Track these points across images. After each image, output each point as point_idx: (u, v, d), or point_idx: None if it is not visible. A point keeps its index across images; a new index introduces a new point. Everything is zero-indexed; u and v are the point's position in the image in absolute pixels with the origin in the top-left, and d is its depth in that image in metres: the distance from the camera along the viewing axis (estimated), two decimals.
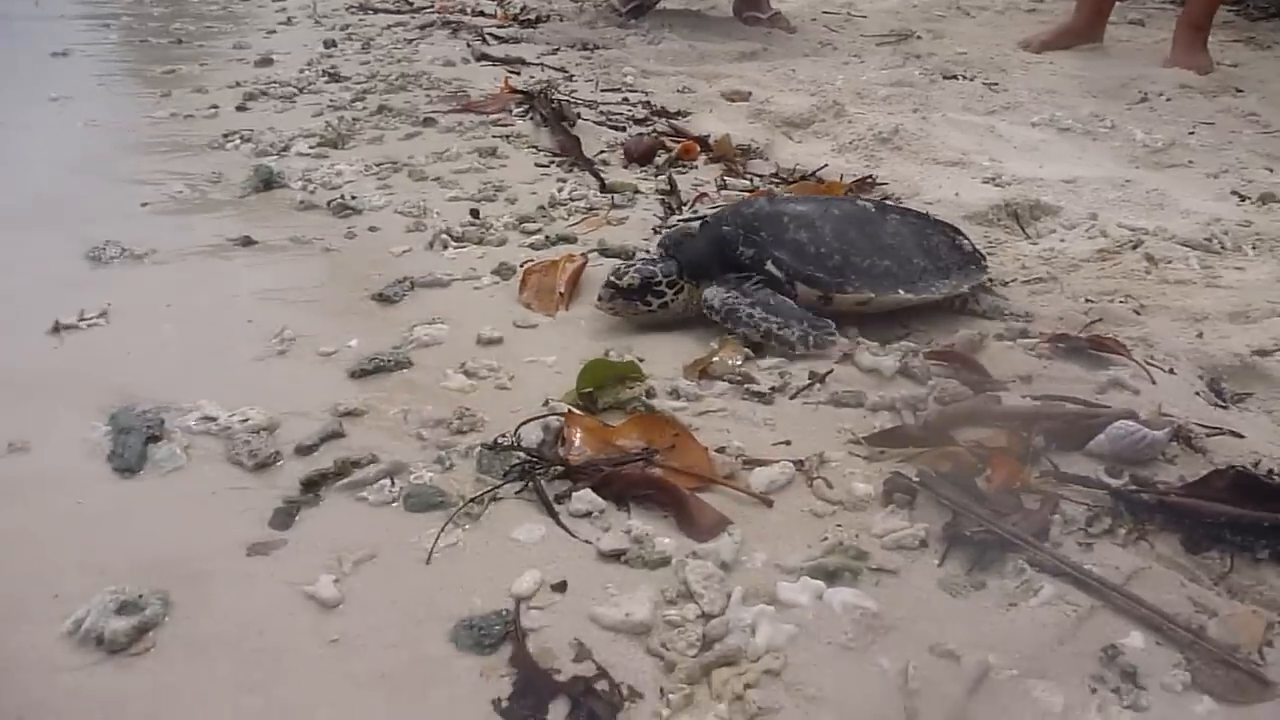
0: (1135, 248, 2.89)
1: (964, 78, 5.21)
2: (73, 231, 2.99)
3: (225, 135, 4.02)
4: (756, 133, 4.16)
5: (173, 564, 1.56)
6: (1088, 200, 3.37)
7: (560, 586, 1.49)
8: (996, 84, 5.10)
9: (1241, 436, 1.92)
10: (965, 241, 2.56)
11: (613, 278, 2.31)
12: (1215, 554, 1.57)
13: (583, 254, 2.70)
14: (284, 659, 1.37)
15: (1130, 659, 1.35)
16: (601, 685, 1.30)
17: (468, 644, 1.38)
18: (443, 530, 1.61)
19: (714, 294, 2.30)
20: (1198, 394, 2.10)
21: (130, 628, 1.40)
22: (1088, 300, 2.54)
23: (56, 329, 2.39)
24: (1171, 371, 2.17)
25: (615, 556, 1.55)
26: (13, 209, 3.24)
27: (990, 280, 2.57)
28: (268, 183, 3.47)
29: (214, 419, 1.97)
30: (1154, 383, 2.10)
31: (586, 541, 1.59)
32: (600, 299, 2.32)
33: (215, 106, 4.55)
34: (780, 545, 1.57)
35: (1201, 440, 1.88)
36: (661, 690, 1.30)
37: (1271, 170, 3.70)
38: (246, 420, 1.95)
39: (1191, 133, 4.24)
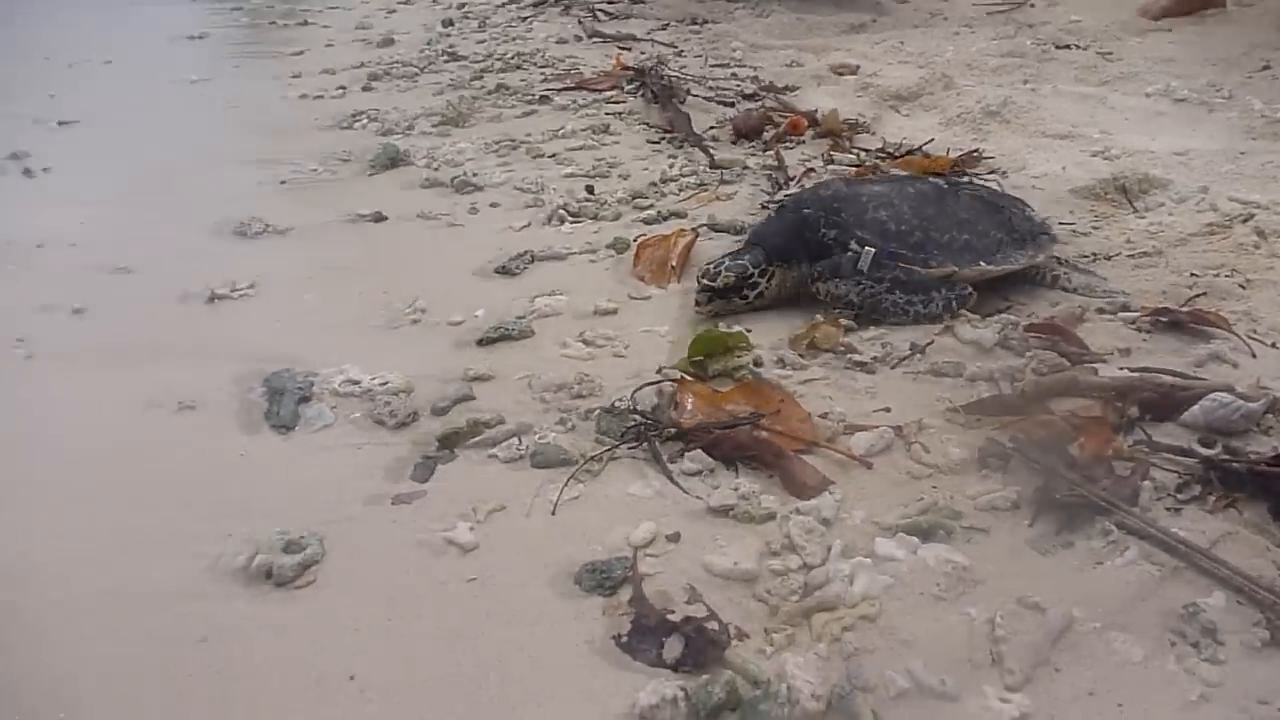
0: (1245, 221, 2.88)
1: (1077, 47, 5.15)
2: (220, 209, 3.25)
3: (353, 115, 4.26)
4: (863, 107, 4.21)
5: (327, 510, 1.75)
6: (1199, 173, 3.34)
7: (674, 537, 1.63)
8: (1111, 53, 5.03)
9: None
10: (1033, 213, 2.62)
11: (705, 280, 2.37)
12: None
13: (693, 229, 2.83)
14: (427, 595, 1.54)
15: (1210, 616, 1.42)
16: (712, 625, 1.44)
17: (590, 585, 1.54)
18: (566, 484, 1.76)
19: (843, 288, 2.35)
20: None
21: (295, 564, 1.59)
22: (1192, 274, 2.56)
23: (212, 299, 2.63)
24: (1274, 346, 2.19)
25: (724, 511, 1.68)
26: (167, 188, 3.52)
27: (1061, 260, 2.62)
28: (394, 160, 3.68)
29: (357, 382, 2.16)
30: (1254, 356, 2.14)
31: (697, 497, 1.72)
32: (698, 303, 2.38)
33: (343, 88, 4.80)
34: (878, 504, 1.69)
35: None
36: (766, 630, 1.43)
37: None
38: (386, 383, 2.14)
39: None
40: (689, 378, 2.08)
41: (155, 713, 1.34)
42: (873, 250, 2.36)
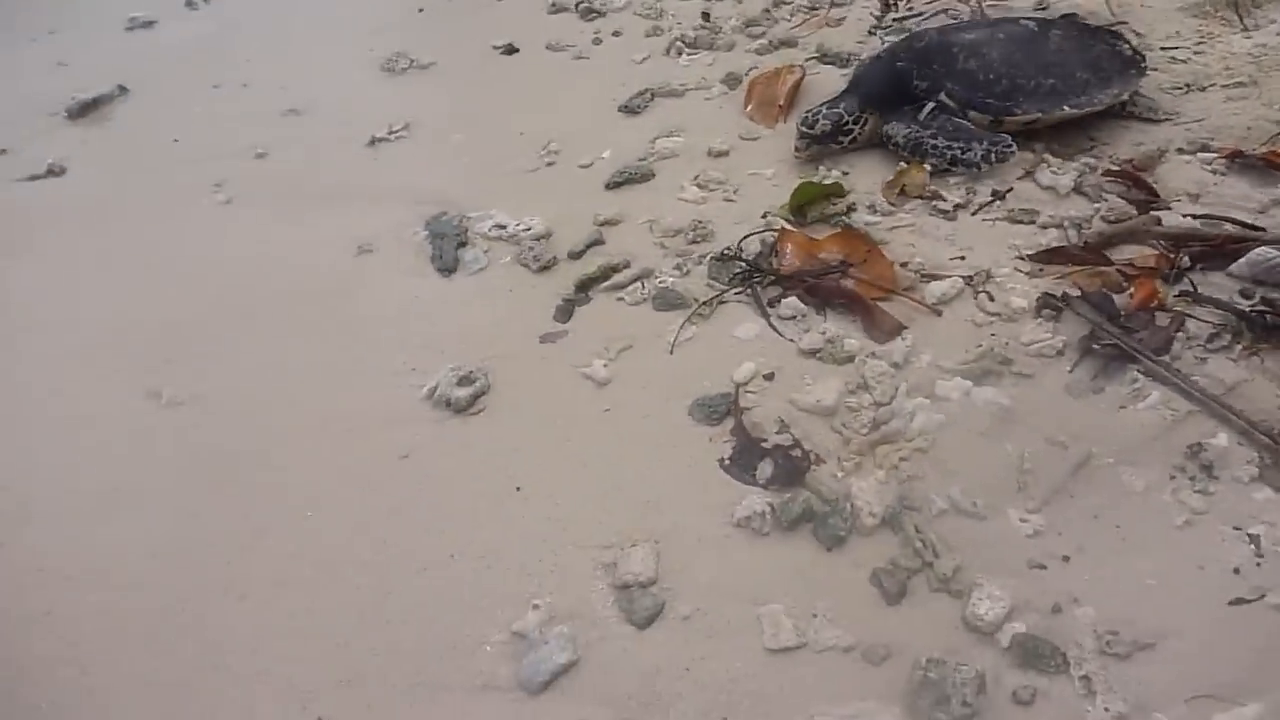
0: None
1: None
2: (366, 40, 3.55)
3: None
4: None
5: (489, 347, 2.16)
6: None
7: (770, 376, 1.99)
8: None
9: None
10: (1124, 46, 2.72)
11: (804, 127, 2.60)
12: None
13: (801, 64, 3.02)
14: (572, 422, 1.95)
15: (1211, 455, 1.73)
16: (796, 452, 1.82)
17: (700, 417, 1.92)
18: (681, 327, 2.13)
19: (896, 129, 2.59)
20: None
21: (468, 395, 2.02)
22: None
23: (373, 142, 2.99)
24: None
25: (812, 353, 2.03)
26: (317, 18, 3.82)
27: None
28: None
29: (504, 226, 2.53)
30: None
31: (790, 340, 2.07)
32: (797, 149, 2.63)
33: None
34: (943, 349, 2.00)
35: None
36: (839, 459, 1.80)
37: None
38: (529, 229, 2.50)
39: None
40: (789, 225, 2.37)
41: (378, 515, 1.81)
42: (932, 104, 2.58)
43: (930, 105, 2.59)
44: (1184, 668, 1.42)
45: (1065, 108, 2.55)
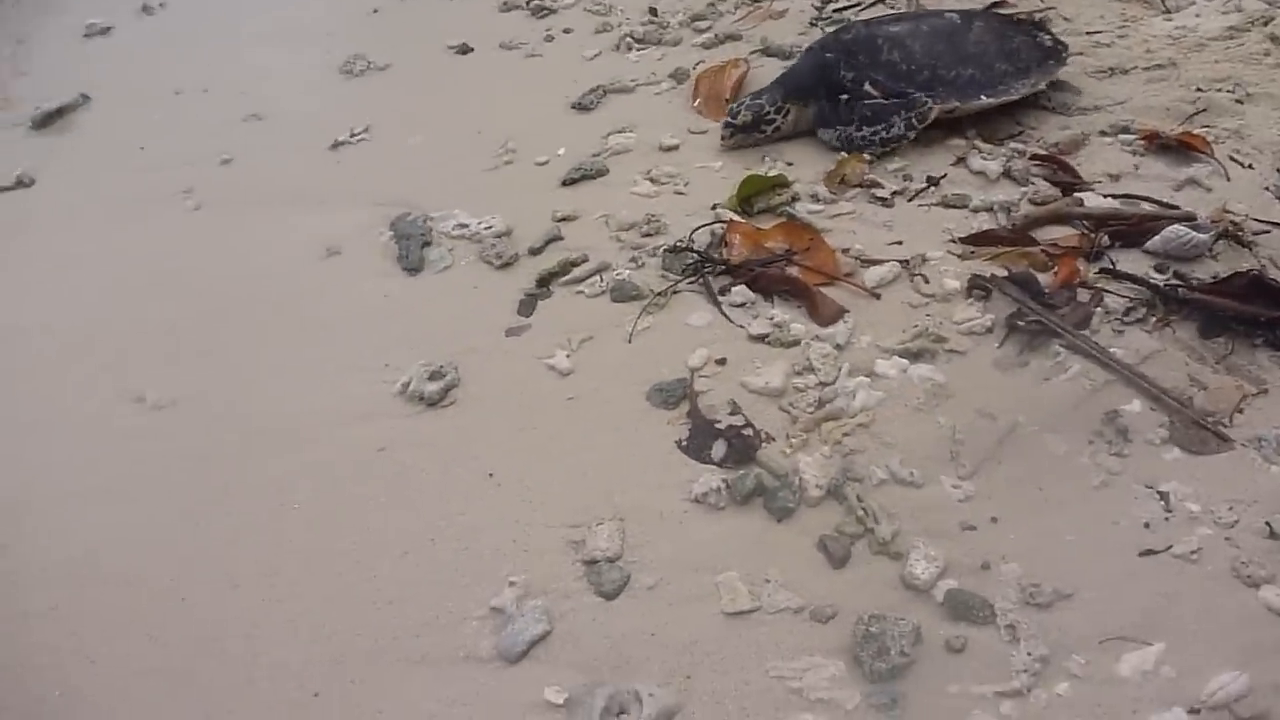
0: (1266, 24, 3.09)
1: None
2: (323, 42, 3.64)
3: None
4: None
5: (456, 342, 2.28)
6: None
7: (722, 361, 2.13)
8: None
9: None
10: (1045, 38, 2.86)
11: (728, 118, 2.78)
12: (1222, 340, 2.04)
13: (745, 58, 3.15)
14: (539, 411, 2.08)
15: (1125, 421, 1.89)
16: (747, 431, 1.96)
17: (658, 401, 2.06)
18: (639, 318, 2.26)
19: (826, 135, 2.76)
20: (1266, 189, 2.45)
21: (440, 389, 2.14)
22: (1198, 90, 2.83)
23: (335, 146, 3.08)
24: (1250, 166, 2.52)
25: (761, 339, 2.17)
26: (267, 23, 3.89)
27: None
28: None
29: (466, 225, 2.64)
30: (1228, 179, 2.47)
31: (741, 326, 2.20)
32: (723, 138, 2.80)
33: None
34: (882, 330, 2.15)
35: (1250, 237, 2.28)
36: (787, 435, 1.95)
37: None
38: (490, 227, 2.61)
39: None
40: (736, 217, 2.51)
41: (359, 505, 1.93)
42: (845, 96, 2.74)
43: (844, 98, 2.72)
44: (1098, 614, 1.58)
45: (983, 97, 2.69)
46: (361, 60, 3.50)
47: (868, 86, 2.74)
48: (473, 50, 3.52)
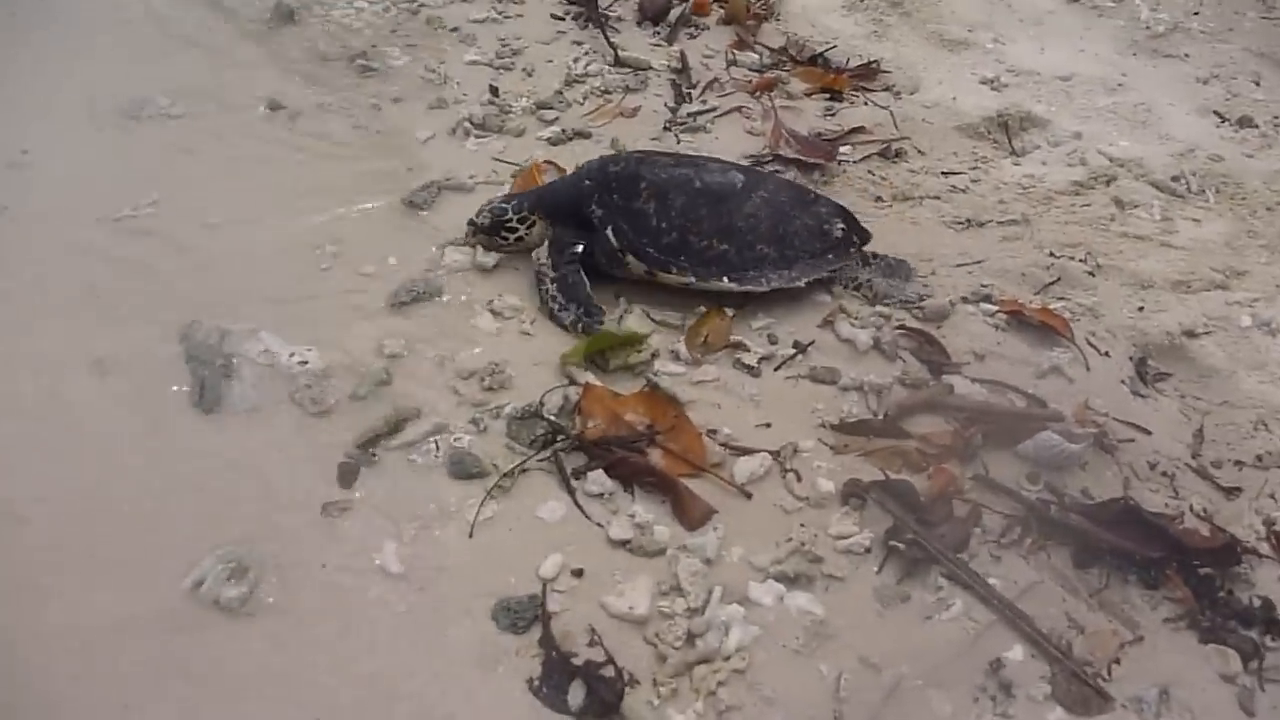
0: (1108, 184, 3.13)
1: None
2: (100, 70, 3.11)
3: None
4: None
5: (263, 520, 1.91)
6: (1078, 107, 3.55)
7: (579, 573, 1.87)
8: None
9: (1149, 433, 2.28)
10: (838, 227, 2.60)
11: (473, 217, 2.58)
12: (1095, 571, 1.97)
13: (551, 160, 2.92)
14: (366, 630, 1.76)
15: (1009, 672, 1.77)
16: (609, 672, 1.72)
17: (506, 624, 1.78)
18: (482, 504, 1.97)
19: (541, 254, 2.53)
20: (1123, 382, 2.43)
21: (241, 595, 1.78)
22: (1051, 254, 2.81)
23: (117, 220, 2.61)
24: (1106, 354, 2.49)
25: (622, 544, 1.93)
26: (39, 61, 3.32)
27: (867, 259, 2.66)
28: (289, 15, 3.53)
29: (275, 354, 2.26)
30: (1088, 369, 2.43)
31: (599, 525, 1.96)
32: (466, 235, 2.60)
33: None
34: (754, 541, 1.96)
35: (1113, 442, 2.23)
36: (654, 680, 1.72)
37: (1258, 83, 3.83)
38: (305, 363, 2.25)
39: (1195, 13, 4.31)
40: (592, 379, 2.25)
41: None
42: (546, 247, 2.54)
43: (574, 247, 2.51)
44: None
45: (725, 280, 2.47)
46: (150, 103, 3.00)
47: (609, 233, 2.48)
48: (285, 108, 3.10)
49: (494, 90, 3.24)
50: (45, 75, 3.16)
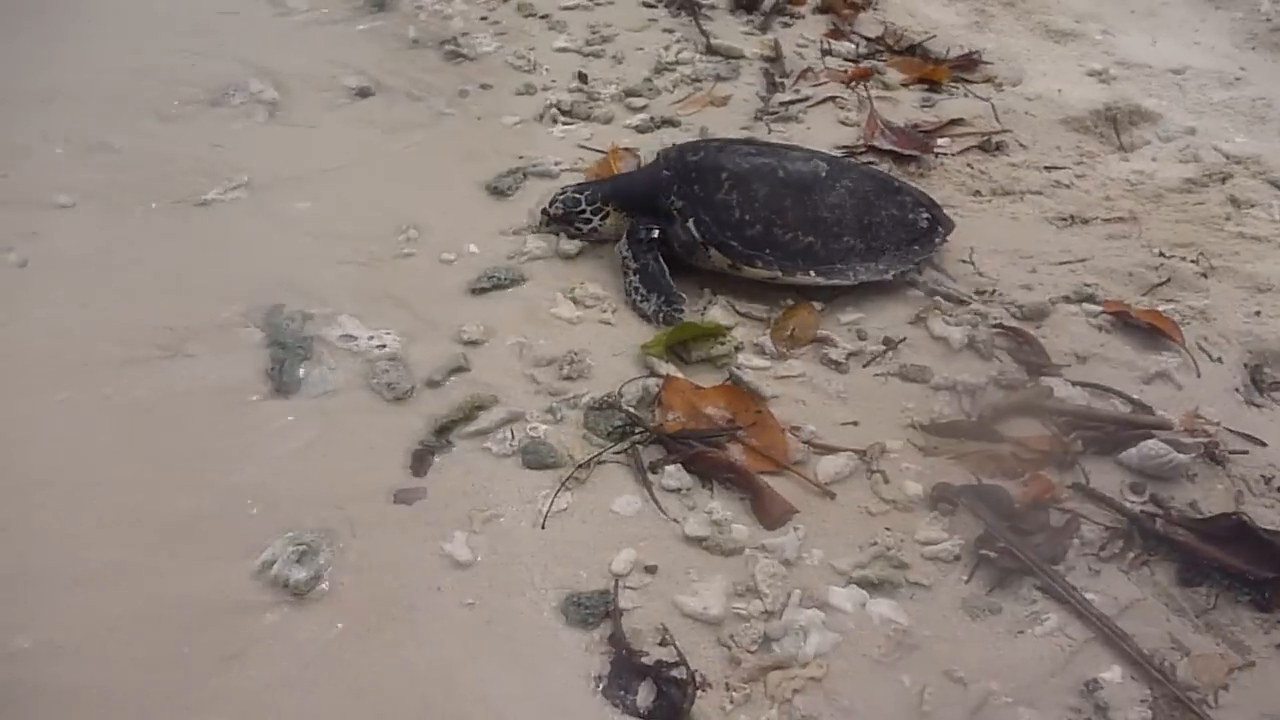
0: (1224, 182, 2.95)
1: None
2: (179, 43, 3.13)
3: None
4: None
5: (334, 504, 1.89)
6: (1192, 101, 3.37)
7: (651, 569, 1.81)
8: None
9: (1264, 444, 2.13)
10: (924, 216, 2.51)
11: (546, 205, 2.54)
12: (1203, 590, 1.84)
13: (633, 147, 2.86)
14: (431, 621, 1.71)
15: (1106, 694, 1.66)
16: (680, 673, 1.65)
17: (575, 619, 1.73)
18: (555, 495, 1.92)
19: (622, 245, 2.46)
20: (1236, 390, 2.27)
21: (309, 577, 1.75)
22: (1160, 254, 2.65)
23: (203, 203, 2.63)
24: (1219, 360, 2.34)
25: (698, 541, 1.86)
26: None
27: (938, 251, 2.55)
28: (383, 4, 3.54)
29: (354, 338, 2.25)
30: (1199, 375, 2.29)
31: (674, 520, 1.89)
32: (540, 224, 2.57)
33: None
34: (836, 543, 1.87)
35: (1224, 453, 2.09)
36: (727, 684, 1.65)
37: None
38: (384, 346, 2.23)
39: None
40: (674, 371, 2.18)
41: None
42: (626, 239, 2.47)
43: (651, 233, 2.44)
44: None
45: (811, 274, 2.38)
46: (238, 88, 3.02)
47: (690, 224, 2.39)
48: (374, 94, 3.10)
49: (582, 77, 3.20)
50: (132, 62, 3.21)
